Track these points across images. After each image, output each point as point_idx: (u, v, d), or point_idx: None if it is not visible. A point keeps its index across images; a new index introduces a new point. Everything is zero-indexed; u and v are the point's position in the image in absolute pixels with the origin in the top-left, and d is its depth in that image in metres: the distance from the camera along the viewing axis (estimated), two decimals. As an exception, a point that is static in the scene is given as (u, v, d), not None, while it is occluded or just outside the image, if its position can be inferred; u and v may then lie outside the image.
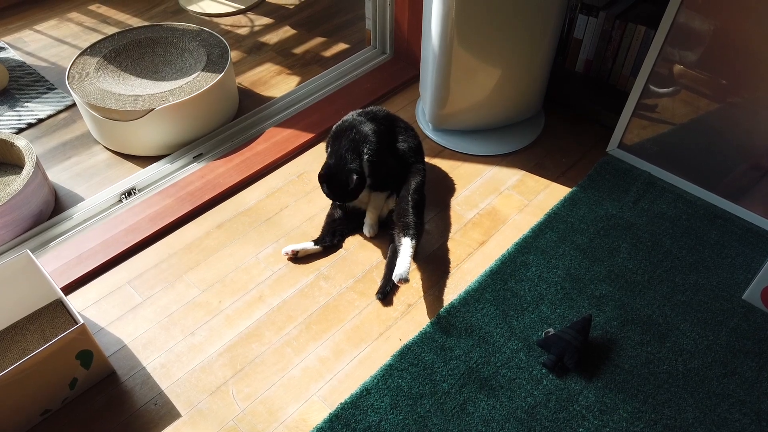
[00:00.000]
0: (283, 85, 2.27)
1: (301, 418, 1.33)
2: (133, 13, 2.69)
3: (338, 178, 1.58)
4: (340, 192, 1.60)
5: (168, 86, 1.95)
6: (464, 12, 1.69)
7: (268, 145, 1.97)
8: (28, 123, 2.10)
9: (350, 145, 1.61)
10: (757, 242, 1.67)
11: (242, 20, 2.65)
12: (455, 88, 1.88)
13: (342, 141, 1.63)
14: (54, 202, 1.82)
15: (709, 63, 1.65)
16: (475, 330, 1.47)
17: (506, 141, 1.99)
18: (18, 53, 2.43)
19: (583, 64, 2.13)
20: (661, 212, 1.75)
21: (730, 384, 1.38)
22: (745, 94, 1.63)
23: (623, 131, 1.89)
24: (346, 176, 1.57)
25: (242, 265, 1.64)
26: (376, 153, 1.62)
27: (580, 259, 1.63)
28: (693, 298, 1.54)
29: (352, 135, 1.64)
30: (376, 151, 1.62)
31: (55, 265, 1.62)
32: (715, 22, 1.58)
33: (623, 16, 1.95)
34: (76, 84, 1.94)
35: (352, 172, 1.56)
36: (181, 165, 1.92)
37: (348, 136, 1.64)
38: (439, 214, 1.77)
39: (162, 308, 1.54)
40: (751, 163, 1.70)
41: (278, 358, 1.44)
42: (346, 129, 1.66)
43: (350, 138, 1.63)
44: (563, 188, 1.84)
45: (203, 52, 2.07)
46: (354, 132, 1.64)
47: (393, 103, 2.16)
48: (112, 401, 1.36)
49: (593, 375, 1.39)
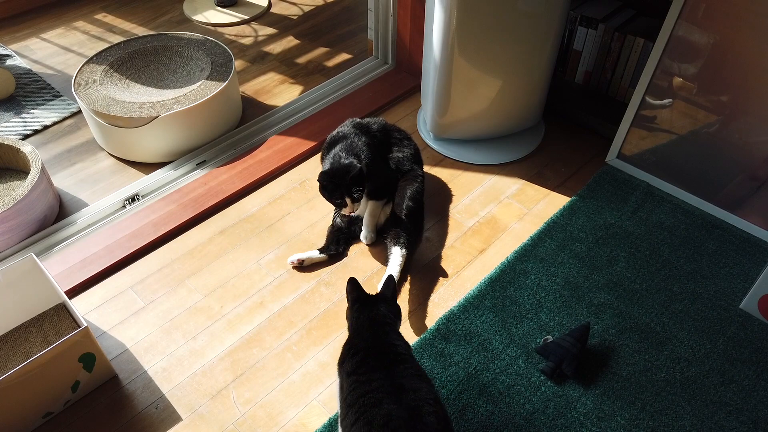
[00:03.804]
0: (286, 94, 2.30)
1: (300, 423, 1.34)
2: (138, 22, 2.72)
3: (338, 171, 1.57)
4: (340, 184, 1.55)
5: (172, 94, 1.98)
6: (465, 23, 1.71)
7: (270, 153, 1.99)
8: (34, 129, 2.13)
9: (346, 149, 1.63)
10: (755, 252, 1.68)
11: (246, 30, 2.68)
12: (456, 98, 1.90)
13: (337, 147, 1.65)
14: (58, 207, 1.84)
15: (706, 75, 1.67)
16: (474, 337, 1.48)
17: (506, 150, 2.01)
18: (25, 61, 2.46)
19: (582, 76, 2.16)
20: (659, 222, 1.77)
21: (727, 392, 1.39)
22: (743, 105, 1.65)
23: (622, 141, 1.91)
24: (346, 167, 1.56)
25: (244, 270, 1.65)
26: (371, 160, 1.64)
27: (579, 267, 1.64)
28: (691, 307, 1.55)
29: (347, 143, 1.66)
30: (371, 159, 1.64)
31: (59, 269, 1.63)
32: (713, 35, 1.61)
33: (622, 28, 1.98)
34: (82, 91, 1.96)
35: (351, 163, 1.57)
36: (185, 172, 1.94)
37: (343, 143, 1.66)
38: (439, 222, 1.79)
39: (164, 313, 1.55)
40: (748, 173, 1.72)
41: (279, 363, 1.45)
42: (341, 138, 1.68)
43: (345, 144, 1.65)
44: (562, 197, 1.85)
45: (207, 60, 2.10)
46: (349, 140, 1.66)
47: (394, 113, 2.19)
48: (113, 404, 1.38)
49: (591, 382, 1.40)
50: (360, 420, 1.01)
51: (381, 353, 1.13)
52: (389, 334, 1.19)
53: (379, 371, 1.08)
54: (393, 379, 1.06)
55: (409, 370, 1.10)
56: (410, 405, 1.01)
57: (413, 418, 0.99)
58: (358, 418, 1.01)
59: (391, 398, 1.02)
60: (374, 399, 1.02)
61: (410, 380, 1.07)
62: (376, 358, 1.12)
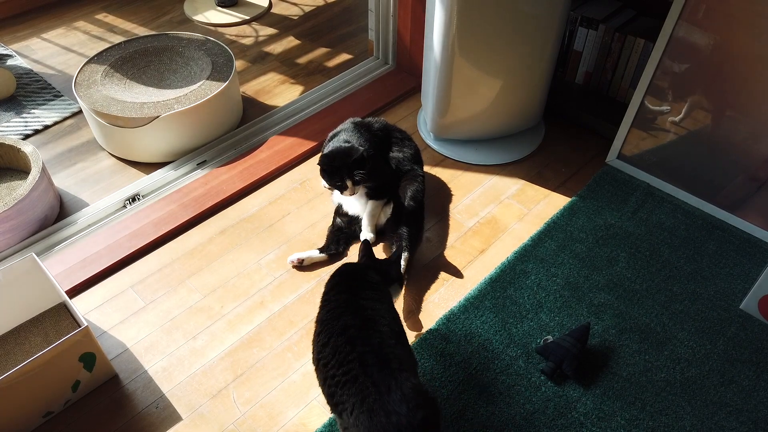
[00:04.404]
0: (287, 94, 2.30)
1: (300, 423, 1.34)
2: (139, 22, 2.72)
3: (339, 154, 1.57)
4: (341, 166, 1.55)
5: (173, 94, 1.98)
6: (466, 24, 1.71)
7: (271, 153, 1.99)
8: (35, 129, 2.13)
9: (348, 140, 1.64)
10: (755, 252, 1.68)
11: (247, 30, 2.68)
12: (456, 98, 1.90)
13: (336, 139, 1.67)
14: (59, 207, 1.84)
15: (706, 75, 1.67)
16: (474, 337, 1.48)
17: (507, 151, 2.01)
18: (25, 61, 2.46)
19: (582, 76, 2.16)
20: (659, 222, 1.77)
21: (728, 392, 1.39)
22: (743, 105, 1.66)
23: (622, 142, 1.91)
24: (348, 150, 1.56)
25: (244, 270, 1.65)
26: (372, 154, 1.64)
27: (579, 267, 1.64)
28: (691, 308, 1.55)
29: (348, 135, 1.66)
30: (372, 153, 1.64)
31: (59, 269, 1.63)
32: (713, 35, 1.61)
33: (623, 29, 1.98)
34: (83, 91, 1.96)
35: (353, 146, 1.57)
36: (185, 172, 1.94)
37: (345, 136, 1.67)
38: (440, 222, 1.79)
39: (164, 312, 1.55)
40: (748, 174, 1.72)
41: (279, 362, 1.45)
42: (342, 132, 1.70)
43: (347, 137, 1.66)
44: (563, 198, 1.85)
45: (208, 61, 2.10)
46: (350, 134, 1.67)
47: (395, 113, 2.19)
48: (113, 404, 1.38)
49: (591, 382, 1.40)
50: (323, 332, 1.16)
51: (354, 279, 1.27)
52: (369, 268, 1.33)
53: (347, 294, 1.22)
54: (356, 300, 1.20)
55: (373, 294, 1.24)
56: (365, 317, 1.15)
57: (367, 327, 1.13)
58: (322, 330, 1.17)
59: (349, 313, 1.16)
60: (335, 314, 1.17)
61: (371, 302, 1.21)
62: (348, 282, 1.26)
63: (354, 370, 1.05)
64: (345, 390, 1.05)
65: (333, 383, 1.08)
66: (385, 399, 0.99)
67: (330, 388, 1.09)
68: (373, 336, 1.11)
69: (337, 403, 1.07)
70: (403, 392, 1.00)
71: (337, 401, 1.07)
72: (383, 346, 1.09)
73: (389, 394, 1.00)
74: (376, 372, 1.04)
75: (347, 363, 1.06)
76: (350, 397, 1.03)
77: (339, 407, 1.07)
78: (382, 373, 1.04)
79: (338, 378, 1.06)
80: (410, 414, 0.97)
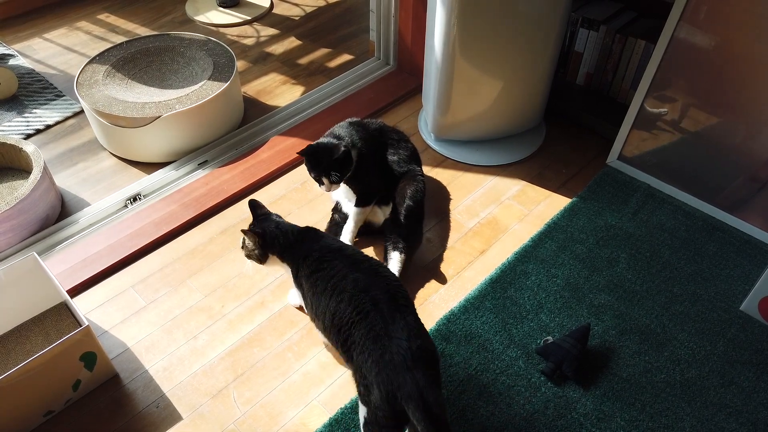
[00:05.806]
0: (288, 95, 2.30)
1: (301, 423, 1.34)
2: (141, 22, 2.73)
3: (322, 150, 1.57)
4: (321, 161, 1.55)
5: (175, 94, 1.98)
6: (466, 25, 1.72)
7: (272, 154, 1.99)
8: (36, 129, 2.13)
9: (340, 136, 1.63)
10: (755, 254, 1.68)
11: (248, 30, 2.69)
12: (457, 99, 1.90)
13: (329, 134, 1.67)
14: (60, 206, 1.84)
15: (707, 76, 1.67)
16: (474, 337, 1.49)
17: (507, 151, 2.01)
18: (27, 61, 2.46)
19: (583, 77, 2.16)
20: (660, 223, 1.77)
21: (727, 394, 1.39)
22: (743, 107, 1.66)
23: (623, 143, 1.91)
24: (331, 147, 1.55)
25: (244, 270, 1.66)
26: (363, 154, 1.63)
27: (580, 268, 1.65)
28: (691, 309, 1.55)
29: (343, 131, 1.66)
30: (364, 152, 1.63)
31: (60, 269, 1.64)
32: (714, 37, 1.61)
33: (623, 30, 1.98)
34: (85, 91, 1.97)
35: (338, 145, 1.56)
36: (186, 172, 1.95)
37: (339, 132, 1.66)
38: (440, 222, 1.79)
39: (165, 312, 1.56)
40: (749, 175, 1.72)
41: (279, 362, 1.45)
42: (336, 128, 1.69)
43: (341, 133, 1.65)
44: (563, 199, 1.86)
45: (210, 61, 2.10)
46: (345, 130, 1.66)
47: (396, 114, 2.19)
48: (114, 403, 1.38)
49: (591, 383, 1.40)
50: (335, 296, 1.22)
51: (332, 251, 1.31)
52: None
53: (337, 260, 1.27)
54: (348, 259, 1.27)
55: (358, 252, 1.31)
56: (369, 269, 1.25)
57: (376, 275, 1.23)
58: (332, 294, 1.22)
59: (352, 269, 1.24)
60: (341, 275, 1.23)
61: (360, 255, 1.30)
62: (329, 254, 1.29)
63: (366, 308, 1.16)
64: (357, 328, 1.16)
65: (347, 327, 1.18)
66: (390, 327, 1.12)
67: (343, 334, 1.19)
68: (380, 281, 1.22)
69: (350, 345, 1.17)
70: (407, 321, 1.13)
71: (351, 343, 1.17)
72: (390, 286, 1.21)
73: (394, 324, 1.13)
74: (385, 307, 1.15)
75: (361, 304, 1.17)
76: (360, 330, 1.15)
77: (351, 348, 1.17)
78: (390, 306, 1.16)
79: (352, 319, 1.17)
80: (409, 340, 1.10)
